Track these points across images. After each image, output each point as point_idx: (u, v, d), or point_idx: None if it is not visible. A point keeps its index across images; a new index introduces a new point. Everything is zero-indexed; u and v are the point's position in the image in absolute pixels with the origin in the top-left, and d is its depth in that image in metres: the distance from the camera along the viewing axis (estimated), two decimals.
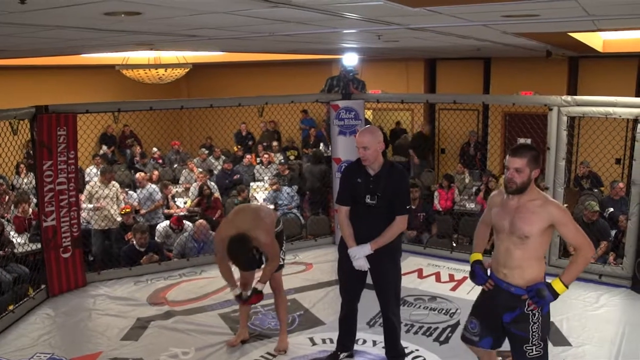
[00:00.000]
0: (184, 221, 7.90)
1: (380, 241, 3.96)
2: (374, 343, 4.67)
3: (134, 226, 7.17)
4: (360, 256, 3.99)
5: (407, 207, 4.05)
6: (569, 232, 3.25)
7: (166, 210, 9.14)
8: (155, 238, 7.58)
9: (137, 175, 9.36)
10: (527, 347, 3.28)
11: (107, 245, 7.80)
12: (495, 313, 3.37)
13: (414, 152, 11.64)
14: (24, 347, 4.70)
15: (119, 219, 7.91)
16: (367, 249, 3.97)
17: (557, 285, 3.21)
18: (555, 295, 3.21)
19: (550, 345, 4.59)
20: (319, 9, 3.44)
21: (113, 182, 8.07)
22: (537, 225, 3.19)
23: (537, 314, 3.25)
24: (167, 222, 7.87)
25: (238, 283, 4.54)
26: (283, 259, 4.60)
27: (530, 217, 3.19)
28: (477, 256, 3.56)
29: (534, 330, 3.26)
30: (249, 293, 4.50)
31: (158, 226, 7.91)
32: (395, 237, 4.02)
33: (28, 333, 4.99)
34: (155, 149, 12.55)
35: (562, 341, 4.70)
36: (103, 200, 7.71)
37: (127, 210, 8.07)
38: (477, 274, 3.50)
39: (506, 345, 4.36)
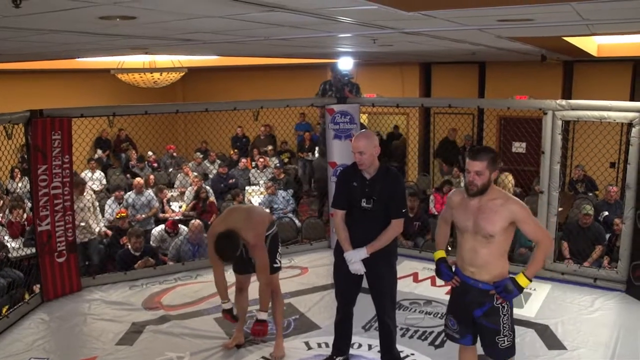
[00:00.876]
0: (179, 225, 7.89)
1: (376, 245, 3.97)
2: (370, 347, 4.67)
3: (129, 230, 7.16)
4: (356, 260, 3.99)
5: (403, 210, 4.05)
6: (529, 228, 3.38)
7: (161, 215, 9.13)
8: (151, 242, 7.57)
9: (135, 181, 9.33)
10: (499, 339, 3.42)
11: (103, 252, 7.75)
12: (467, 309, 3.50)
13: (442, 159, 11.46)
14: (18, 352, 4.69)
15: (98, 229, 7.70)
16: (363, 252, 3.97)
17: (521, 279, 3.34)
18: (520, 289, 3.34)
19: (545, 348, 4.64)
20: (313, 12, 3.44)
21: (88, 192, 7.74)
22: (499, 223, 3.30)
23: (505, 306, 3.40)
24: (162, 226, 7.85)
25: (232, 292, 4.52)
26: (279, 262, 4.60)
27: (492, 217, 3.31)
28: (441, 254, 3.68)
29: (504, 322, 3.41)
30: (232, 309, 4.54)
31: (153, 230, 7.90)
32: (391, 240, 4.03)
33: (22, 338, 4.97)
34: (150, 153, 12.55)
35: (557, 345, 4.71)
36: (80, 211, 7.25)
37: (123, 214, 8.06)
38: (442, 271, 3.63)
39: None
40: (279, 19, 3.65)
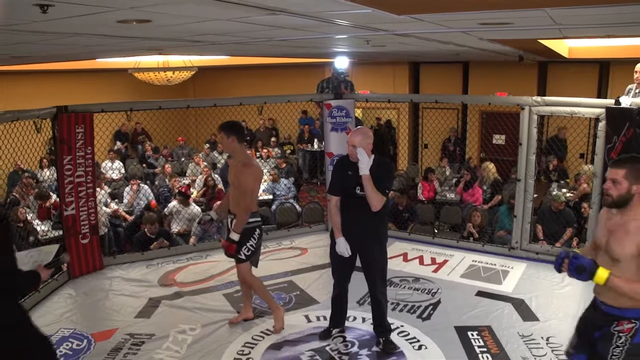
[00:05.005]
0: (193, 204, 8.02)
1: None
2: (363, 320, 4.69)
3: (144, 217, 7.19)
4: (343, 243, 4.02)
5: (386, 190, 4.00)
6: None
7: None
8: (165, 211, 7.76)
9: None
10: None
11: (123, 235, 7.77)
12: (589, 329, 2.90)
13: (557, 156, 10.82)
14: (49, 324, 4.70)
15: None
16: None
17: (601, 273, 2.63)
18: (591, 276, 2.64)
19: (520, 320, 4.66)
20: (312, 16, 3.43)
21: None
22: (628, 248, 2.59)
23: (623, 337, 2.67)
24: (175, 202, 7.93)
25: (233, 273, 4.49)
26: (245, 255, 4.36)
27: (623, 238, 2.62)
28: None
29: (615, 353, 2.67)
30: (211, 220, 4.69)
31: (169, 205, 7.99)
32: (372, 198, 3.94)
33: (52, 311, 5.00)
34: (164, 147, 12.53)
35: (531, 317, 4.74)
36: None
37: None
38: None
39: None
40: (281, 21, 3.64)
